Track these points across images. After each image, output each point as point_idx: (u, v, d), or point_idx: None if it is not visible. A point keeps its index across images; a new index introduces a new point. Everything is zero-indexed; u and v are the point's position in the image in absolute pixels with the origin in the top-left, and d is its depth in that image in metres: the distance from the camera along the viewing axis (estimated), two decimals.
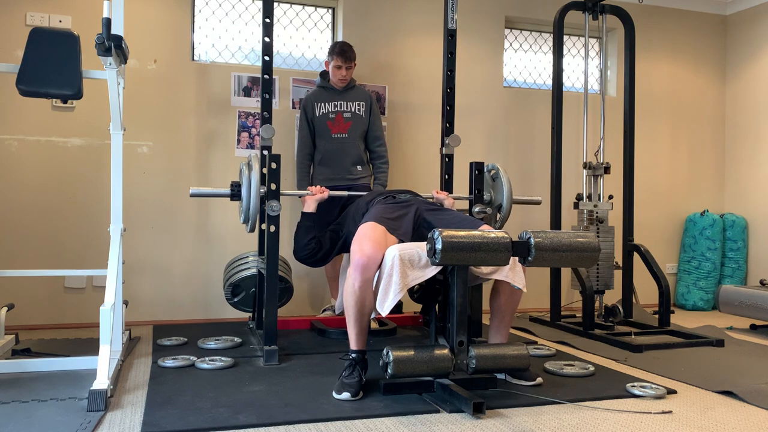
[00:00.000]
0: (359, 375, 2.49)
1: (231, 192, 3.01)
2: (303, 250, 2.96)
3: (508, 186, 3.23)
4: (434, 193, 3.33)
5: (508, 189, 3.23)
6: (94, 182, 3.91)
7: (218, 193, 3.04)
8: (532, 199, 3.53)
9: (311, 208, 3.08)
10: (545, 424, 2.19)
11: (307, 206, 3.08)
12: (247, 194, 2.93)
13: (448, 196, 3.29)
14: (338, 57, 3.88)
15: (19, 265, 3.76)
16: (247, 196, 2.94)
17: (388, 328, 3.70)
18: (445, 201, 3.25)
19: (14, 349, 3.09)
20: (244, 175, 2.96)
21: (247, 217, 2.97)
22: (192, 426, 2.10)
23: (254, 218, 2.97)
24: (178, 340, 3.36)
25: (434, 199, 3.28)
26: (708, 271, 5.01)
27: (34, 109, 3.83)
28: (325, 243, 2.96)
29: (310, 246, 2.94)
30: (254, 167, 2.93)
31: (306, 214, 3.06)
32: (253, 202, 2.92)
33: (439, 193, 3.30)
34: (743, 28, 5.29)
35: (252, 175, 2.92)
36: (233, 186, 3.01)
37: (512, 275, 2.51)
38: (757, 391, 2.60)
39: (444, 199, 3.26)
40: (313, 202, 3.09)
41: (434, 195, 3.31)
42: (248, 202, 2.93)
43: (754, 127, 5.17)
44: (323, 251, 2.96)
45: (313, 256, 2.96)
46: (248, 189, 2.93)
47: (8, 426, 2.07)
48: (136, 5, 3.99)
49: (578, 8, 4.25)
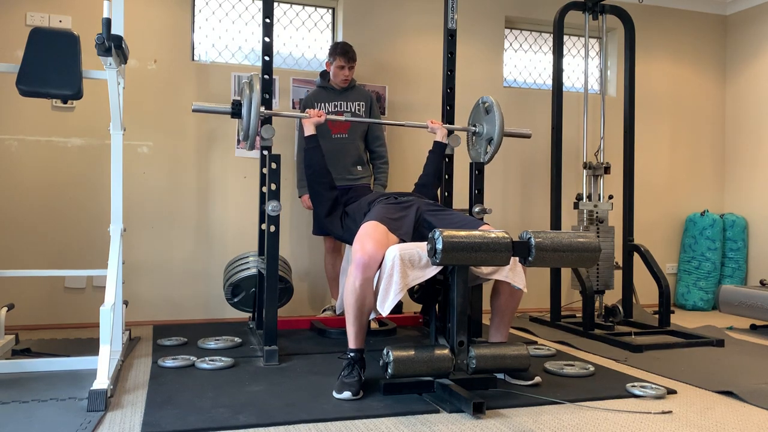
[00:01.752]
0: (358, 374, 2.50)
1: (232, 110, 3.08)
2: (317, 163, 3.10)
3: (500, 118, 3.24)
4: (429, 122, 3.46)
5: (500, 121, 3.24)
6: (94, 182, 3.91)
7: (220, 109, 3.12)
8: (522, 132, 3.56)
9: (311, 130, 3.19)
10: (545, 424, 2.19)
11: (308, 129, 3.20)
12: (248, 113, 2.99)
13: (442, 125, 3.45)
14: (341, 57, 3.88)
15: (19, 265, 3.76)
16: (247, 114, 3.00)
17: (388, 328, 3.70)
18: (438, 130, 3.41)
19: (14, 349, 3.09)
20: (245, 94, 3.01)
21: (246, 134, 3.04)
22: (192, 426, 2.10)
23: (253, 136, 3.04)
24: (178, 340, 3.36)
25: (429, 129, 3.44)
26: (708, 271, 5.01)
27: (34, 109, 3.83)
28: (337, 200, 3.09)
29: (323, 161, 3.11)
30: (255, 87, 2.98)
31: (309, 137, 3.17)
32: (253, 120, 2.99)
33: (434, 123, 3.45)
34: (743, 28, 5.29)
35: (253, 94, 2.97)
36: (234, 104, 3.08)
37: (512, 275, 2.51)
38: (757, 391, 2.60)
39: (438, 128, 3.42)
40: (312, 124, 3.21)
41: (429, 124, 3.45)
42: (248, 120, 3.00)
43: (754, 127, 5.17)
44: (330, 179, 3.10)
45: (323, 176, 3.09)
46: (248, 108, 2.99)
47: (8, 426, 2.07)
48: (136, 5, 3.99)
49: (578, 8, 4.25)
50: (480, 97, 3.41)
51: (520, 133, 3.54)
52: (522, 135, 3.56)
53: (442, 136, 3.42)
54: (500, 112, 3.23)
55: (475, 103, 3.44)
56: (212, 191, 4.16)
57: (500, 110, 3.24)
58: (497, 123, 3.23)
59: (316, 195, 3.12)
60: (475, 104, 3.45)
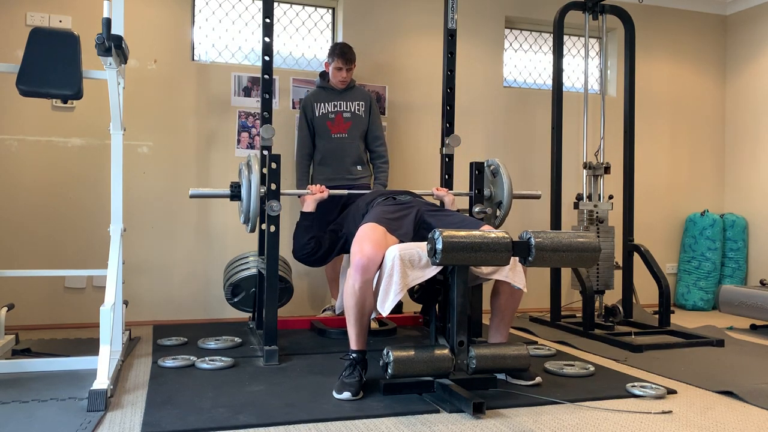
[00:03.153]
0: (359, 375, 2.49)
1: (231, 193, 3.00)
2: (302, 249, 2.94)
3: (508, 181, 3.23)
4: (434, 190, 3.34)
5: (509, 184, 3.22)
6: (94, 182, 3.91)
7: (218, 194, 3.04)
8: (532, 193, 3.54)
9: (310, 208, 3.06)
10: (545, 424, 2.19)
11: (307, 205, 3.07)
12: (247, 194, 2.93)
13: (449, 192, 3.30)
14: (339, 59, 3.88)
15: (19, 265, 3.76)
16: (247, 196, 2.93)
17: (388, 328, 3.70)
18: (445, 197, 3.26)
19: (14, 349, 3.09)
20: (243, 176, 2.96)
21: (247, 217, 2.97)
22: (192, 426, 2.10)
23: (254, 218, 2.96)
24: (178, 340, 3.36)
25: (435, 197, 3.29)
26: (708, 271, 5.01)
27: (34, 109, 3.83)
28: (324, 242, 2.95)
29: (309, 245, 2.92)
30: (254, 167, 2.93)
31: (305, 214, 3.04)
32: (253, 202, 2.92)
33: (439, 190, 3.32)
34: (743, 28, 5.29)
35: (252, 175, 2.91)
36: (233, 186, 3.01)
37: (512, 275, 2.51)
38: (757, 391, 2.60)
39: (444, 196, 3.27)
40: (313, 201, 3.08)
41: (434, 192, 3.32)
42: (248, 202, 2.93)
43: (754, 127, 5.17)
44: (322, 250, 2.94)
45: (312, 255, 2.94)
46: (248, 189, 2.92)
47: (8, 426, 2.07)
48: (136, 5, 3.99)
49: (578, 8, 4.25)
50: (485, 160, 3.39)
51: (529, 195, 3.52)
52: (531, 197, 3.54)
53: (451, 203, 3.26)
54: (507, 175, 3.21)
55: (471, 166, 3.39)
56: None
57: (507, 172, 3.23)
58: (505, 187, 3.21)
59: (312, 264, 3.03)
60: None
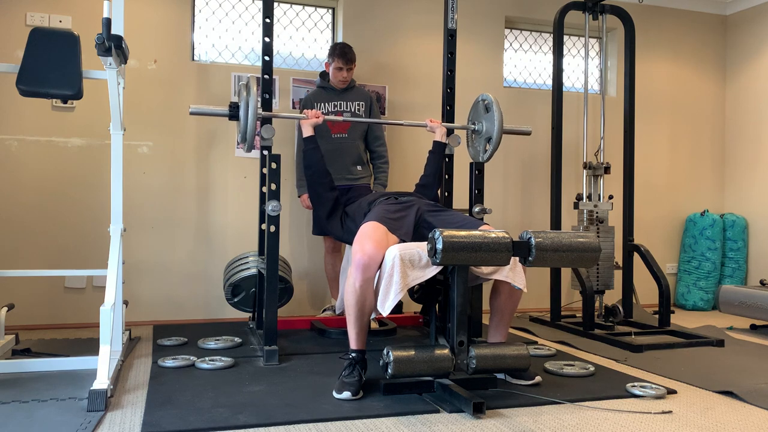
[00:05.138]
0: (359, 374, 2.49)
1: (230, 112, 3.07)
2: (317, 163, 3.10)
3: (499, 115, 3.23)
4: (428, 121, 3.44)
5: (499, 118, 3.23)
6: (94, 182, 3.91)
7: (217, 112, 3.10)
8: (522, 129, 3.56)
9: (310, 131, 3.19)
10: (545, 424, 2.19)
11: (306, 130, 3.20)
12: (245, 115, 2.98)
13: (442, 124, 3.43)
14: (339, 59, 3.88)
15: (19, 265, 3.76)
16: (244, 116, 2.98)
17: (389, 328, 3.70)
18: (437, 129, 3.39)
19: (14, 349, 3.09)
20: (242, 97, 3.00)
21: (244, 136, 3.03)
22: (192, 426, 2.10)
23: (251, 138, 3.03)
24: (178, 340, 3.36)
25: (428, 129, 3.43)
26: (708, 271, 5.01)
27: (34, 109, 3.83)
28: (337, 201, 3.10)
29: (322, 162, 3.12)
30: (252, 89, 2.97)
31: (308, 138, 3.17)
32: (250, 122, 2.97)
33: (433, 121, 3.43)
34: (743, 28, 5.29)
35: (249, 97, 2.96)
36: (232, 106, 3.06)
37: (512, 275, 2.51)
38: (757, 391, 2.60)
39: (437, 127, 3.40)
40: (309, 125, 3.20)
41: (428, 123, 3.43)
42: (246, 122, 2.98)
43: (754, 127, 5.17)
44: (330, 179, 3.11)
45: (324, 177, 3.10)
46: (245, 110, 2.97)
47: (8, 426, 2.07)
48: (136, 5, 3.99)
49: (578, 8, 4.25)
50: (479, 95, 3.40)
51: (519, 131, 3.54)
52: (522, 132, 3.56)
53: (441, 135, 3.41)
54: (499, 110, 3.23)
55: (474, 101, 3.44)
56: (212, 191, 4.16)
57: (499, 108, 3.24)
58: (496, 120, 3.23)
59: (317, 196, 3.13)
60: (474, 102, 3.45)
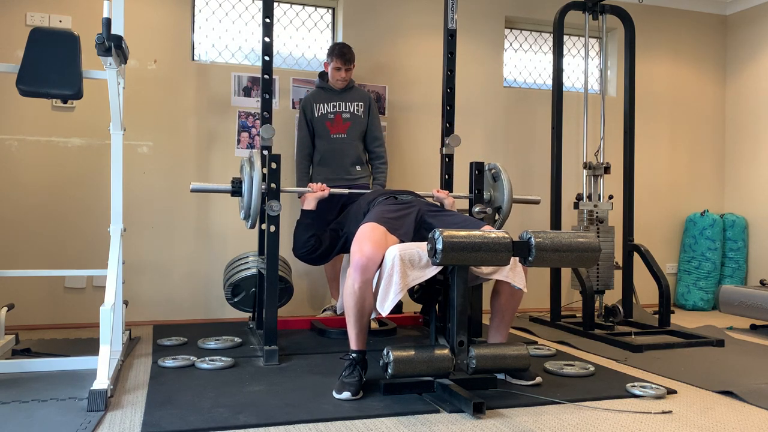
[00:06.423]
0: (359, 375, 2.49)
1: (232, 188, 3.00)
2: (302, 247, 2.95)
3: (508, 185, 3.23)
4: (434, 192, 3.33)
5: (509, 188, 3.22)
6: (94, 182, 3.91)
7: (219, 188, 3.04)
8: (532, 198, 3.54)
9: (311, 206, 3.07)
10: (545, 424, 2.19)
11: (307, 204, 3.07)
12: (248, 190, 2.93)
13: (449, 195, 3.29)
14: (338, 59, 3.88)
15: (19, 265, 3.76)
16: (248, 192, 2.94)
17: (388, 328, 3.70)
18: (445, 200, 3.25)
19: (14, 349, 3.09)
20: (245, 172, 2.96)
21: (248, 213, 2.97)
22: (192, 426, 2.10)
23: (255, 215, 2.97)
24: (178, 340, 3.36)
25: (434, 198, 3.28)
26: (708, 271, 5.01)
27: (34, 109, 3.83)
28: (324, 240, 2.96)
29: (309, 243, 2.93)
30: (256, 164, 2.94)
31: (306, 212, 3.05)
32: (254, 198, 2.92)
33: (439, 192, 3.31)
34: (743, 28, 5.29)
35: (253, 172, 2.92)
36: (234, 182, 3.01)
37: (513, 275, 2.50)
38: (757, 391, 2.60)
39: (444, 198, 3.26)
40: (314, 199, 3.09)
41: (434, 194, 3.31)
42: (249, 198, 2.93)
43: (754, 127, 5.17)
44: (322, 249, 2.95)
45: (312, 253, 2.95)
46: (249, 186, 2.93)
47: (8, 426, 2.07)
48: (136, 5, 3.99)
49: (578, 8, 4.25)
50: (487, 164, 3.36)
51: (528, 200, 3.51)
52: (531, 202, 3.53)
53: (450, 205, 3.24)
54: (508, 180, 3.21)
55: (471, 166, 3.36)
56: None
57: (508, 177, 3.22)
58: (506, 191, 3.20)
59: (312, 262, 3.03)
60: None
